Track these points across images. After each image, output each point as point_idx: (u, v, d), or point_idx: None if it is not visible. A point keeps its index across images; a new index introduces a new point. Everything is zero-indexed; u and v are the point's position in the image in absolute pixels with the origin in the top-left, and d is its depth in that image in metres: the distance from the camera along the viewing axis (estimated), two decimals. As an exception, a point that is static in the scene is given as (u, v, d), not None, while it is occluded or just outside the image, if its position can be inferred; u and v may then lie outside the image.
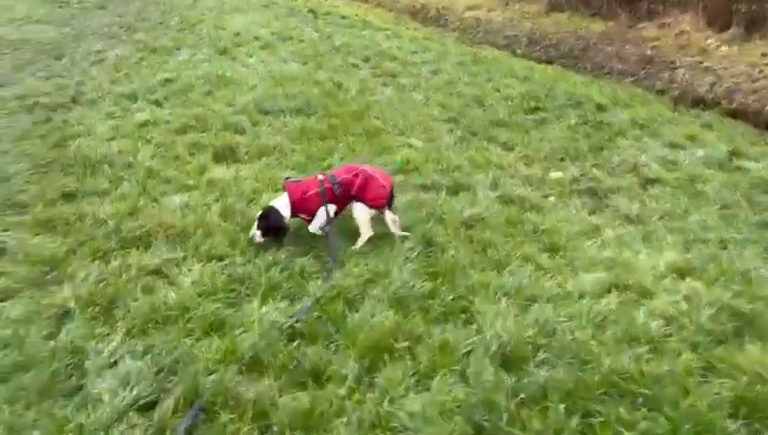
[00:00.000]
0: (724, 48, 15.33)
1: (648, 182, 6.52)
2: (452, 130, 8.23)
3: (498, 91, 10.10)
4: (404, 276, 4.55)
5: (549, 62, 14.94)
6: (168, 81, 10.06)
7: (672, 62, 14.69)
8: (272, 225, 4.93)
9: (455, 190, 6.33)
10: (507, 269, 4.70)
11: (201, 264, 4.89)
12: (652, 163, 6.97)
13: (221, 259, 4.99)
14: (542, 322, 3.98)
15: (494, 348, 3.73)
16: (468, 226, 5.49)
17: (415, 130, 8.21)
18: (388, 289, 4.43)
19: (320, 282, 4.63)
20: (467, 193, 6.24)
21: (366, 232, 5.04)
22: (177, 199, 5.95)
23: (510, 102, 9.45)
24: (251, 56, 11.82)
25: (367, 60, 11.94)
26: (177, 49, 12.11)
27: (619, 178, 6.61)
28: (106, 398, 3.50)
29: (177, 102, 9.06)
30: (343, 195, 5.01)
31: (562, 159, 7.27)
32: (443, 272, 4.66)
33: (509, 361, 3.70)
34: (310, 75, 10.61)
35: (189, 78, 10.15)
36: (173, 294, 4.44)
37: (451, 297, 4.35)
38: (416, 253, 4.97)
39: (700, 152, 7.38)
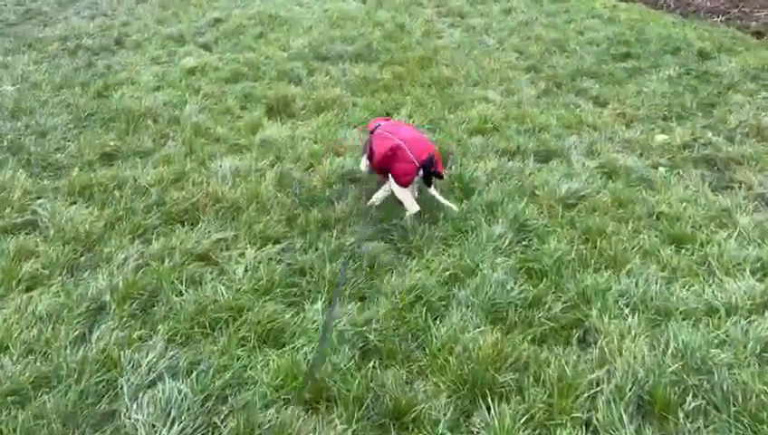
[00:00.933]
0: (832, -17, 13.35)
1: (778, 148, 5.36)
2: (533, 82, 7.11)
3: (581, 34, 8.81)
4: (497, 276, 3.65)
5: (628, -2, 13.33)
6: (217, 21, 9.14)
7: (769, 0, 12.90)
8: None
9: (545, 157, 5.32)
10: (626, 269, 3.75)
11: (255, 247, 4.10)
12: None
13: (277, 242, 4.18)
14: (685, 350, 3.05)
15: (628, 390, 2.82)
16: (568, 205, 4.53)
17: (490, 81, 7.12)
18: (479, 292, 3.55)
19: (394, 277, 3.78)
20: (560, 161, 5.23)
21: (409, 207, 4.32)
22: (228, 164, 5.13)
23: (596, 48, 8.19)
24: (305, -7, 10.74)
25: (430, -4, 10.71)
26: (227, -15, 11.10)
27: (740, 144, 5.46)
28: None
29: (228, 46, 8.16)
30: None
31: (666, 119, 6.13)
32: (545, 270, 3.75)
33: (650, 408, 2.80)
34: (369, 15, 9.51)
35: (240, 18, 9.21)
36: (223, 288, 3.67)
37: (560, 307, 3.44)
38: (507, 241, 4.06)
39: None
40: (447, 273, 3.77)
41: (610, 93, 6.74)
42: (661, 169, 5.11)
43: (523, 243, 4.10)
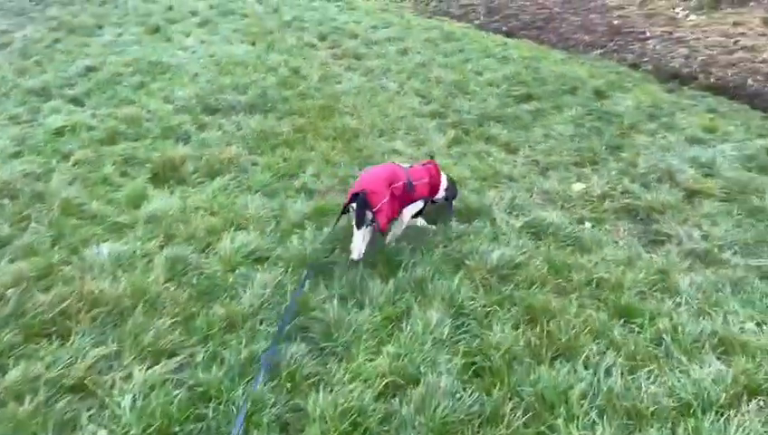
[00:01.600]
0: (693, 17, 14.23)
1: (692, 195, 5.22)
2: (441, 129, 6.72)
3: (480, 74, 8.59)
4: (444, 382, 3.08)
5: (510, 33, 13.56)
6: (89, 69, 8.09)
7: (641, 33, 13.50)
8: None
9: (467, 217, 4.86)
10: (582, 357, 3.29)
11: (145, 366, 3.28)
12: (685, 167, 5.66)
13: (173, 355, 3.39)
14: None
15: None
16: (503, 276, 4.06)
17: (397, 130, 6.65)
18: (426, 407, 2.96)
19: (321, 393, 3.10)
20: (484, 222, 4.78)
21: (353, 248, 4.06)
22: (107, 250, 4.25)
23: (497, 89, 7.97)
24: (188, 36, 9.88)
25: (323, 38, 10.19)
26: (100, 28, 10.02)
27: (656, 190, 5.27)
28: None
29: (102, 99, 7.16)
30: None
31: (578, 165, 5.90)
32: (495, 368, 3.22)
33: None
34: (260, 59, 8.82)
35: (116, 66, 8.21)
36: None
37: (521, 419, 2.91)
38: (446, 330, 3.51)
39: (729, 149, 6.13)
40: (385, 381, 3.14)
41: (519, 139, 6.46)
42: (587, 224, 4.80)
43: (464, 329, 3.56)
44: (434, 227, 4.61)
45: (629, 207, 5.05)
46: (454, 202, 4.75)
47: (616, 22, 14.24)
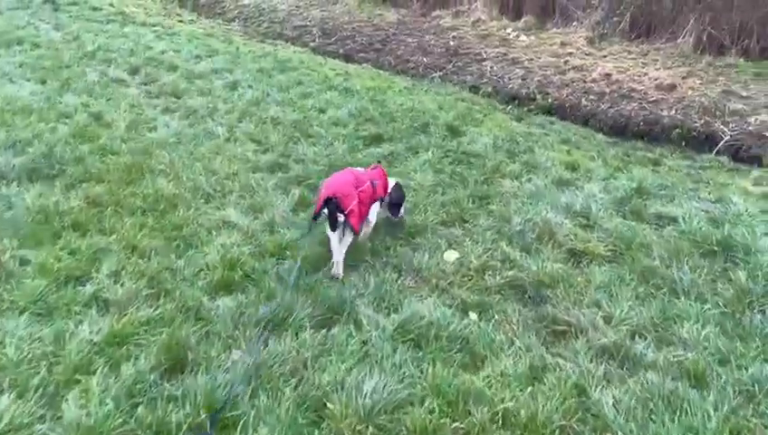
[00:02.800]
0: (524, 37, 14.27)
1: (579, 258, 4.45)
2: (283, 188, 5.44)
3: (322, 112, 7.45)
4: None
5: (348, 56, 12.67)
6: None
7: (477, 54, 13.26)
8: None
9: (324, 320, 3.66)
10: None
11: None
12: (562, 219, 4.92)
13: None
14: None
15: None
16: (381, 428, 2.88)
17: (229, 192, 5.28)
18: None
19: None
20: (346, 325, 3.61)
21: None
22: None
23: (343, 130, 6.87)
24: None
25: (135, 71, 8.47)
26: None
27: (539, 255, 4.44)
28: None
29: None
30: None
31: (446, 223, 4.94)
32: None
33: None
34: (51, 102, 6.96)
35: None
36: None
37: None
38: None
39: (597, 190, 5.53)
40: None
41: (376, 194, 5.37)
42: (472, 315, 3.79)
43: None
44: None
45: (514, 281, 4.13)
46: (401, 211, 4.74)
47: (452, 43, 13.86)
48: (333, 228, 4.04)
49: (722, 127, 9.54)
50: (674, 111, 10.29)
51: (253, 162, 5.92)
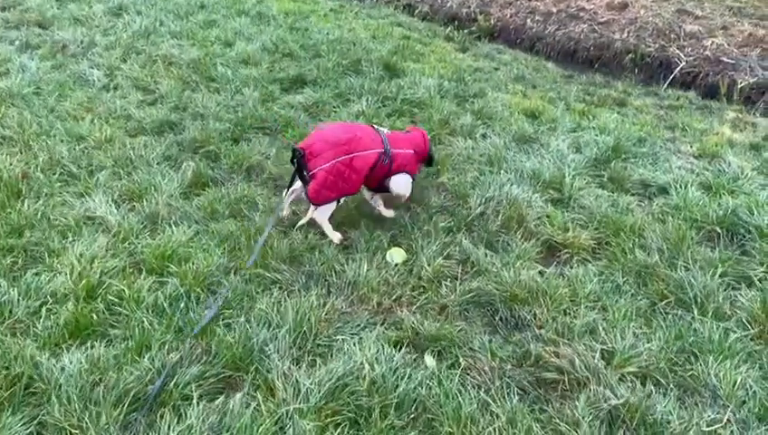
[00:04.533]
0: (461, -51, 12.61)
1: (557, 253, 3.39)
2: (174, 159, 4.06)
3: (229, 46, 5.92)
4: None
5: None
6: None
7: (413, -31, 11.62)
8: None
9: (217, 388, 2.48)
10: None
11: None
12: (530, 194, 3.82)
13: None
14: None
15: None
16: None
17: (98, 169, 3.86)
18: None
19: None
20: (251, 387, 2.45)
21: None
22: None
23: (255, 72, 5.42)
24: None
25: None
26: None
27: (506, 252, 3.35)
28: None
29: None
30: None
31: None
32: None
33: None
34: None
35: None
36: None
37: None
38: None
39: (566, 148, 4.45)
40: None
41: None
42: (429, 360, 2.70)
43: None
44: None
45: (480, 296, 3.04)
46: None
47: (383, -46, 12.09)
48: (289, 185, 3.41)
49: (677, 51, 8.54)
50: (626, 34, 9.19)
51: (135, 121, 4.46)
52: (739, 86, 7.44)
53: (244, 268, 3.04)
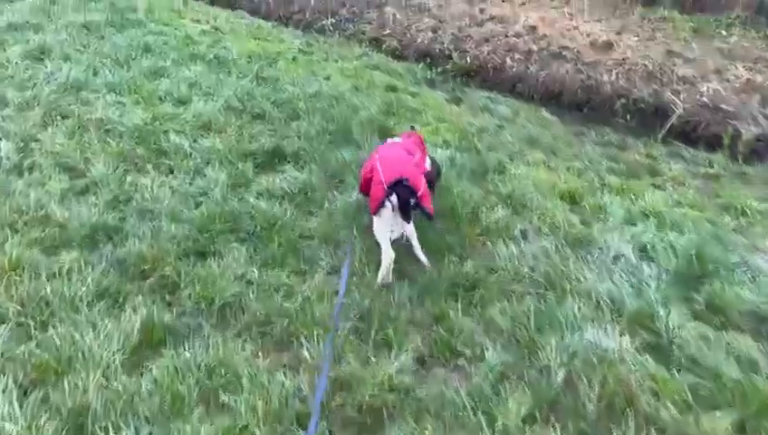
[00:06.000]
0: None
1: None
2: (112, 298, 2.74)
3: (183, 104, 4.62)
4: None
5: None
6: None
7: None
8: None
9: None
10: None
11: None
12: (616, 344, 2.71)
13: None
14: None
15: None
16: None
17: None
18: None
19: None
20: None
21: (383, 251, 2.95)
22: None
23: (219, 142, 4.15)
24: None
25: None
26: None
27: None
28: None
29: None
30: None
31: (418, 367, 2.56)
32: None
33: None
34: None
35: None
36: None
37: None
38: None
39: (629, 252, 3.41)
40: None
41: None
42: None
43: None
44: None
45: None
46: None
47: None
48: (408, 219, 3.03)
49: (672, 97, 7.73)
50: (615, 76, 8.34)
51: (56, 225, 3.11)
52: (744, 138, 6.66)
53: None
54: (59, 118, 4.20)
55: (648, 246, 3.34)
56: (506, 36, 9.89)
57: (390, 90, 5.76)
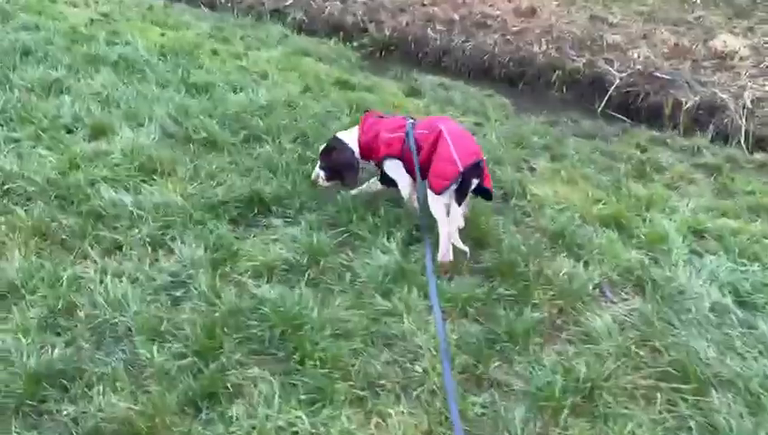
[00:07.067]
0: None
1: None
2: None
3: (104, 135, 3.34)
4: None
5: None
6: None
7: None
8: (339, 163, 2.94)
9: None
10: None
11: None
12: None
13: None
14: None
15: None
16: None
17: None
18: None
19: None
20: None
21: (441, 226, 2.74)
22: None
23: (176, 195, 3.00)
24: None
25: None
26: None
27: None
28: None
29: None
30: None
31: None
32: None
33: None
34: None
35: None
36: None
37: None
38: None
39: (719, 297, 2.85)
40: None
41: None
42: None
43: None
44: None
45: None
46: None
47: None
48: (460, 201, 2.78)
49: (606, 66, 7.45)
50: (545, 46, 7.91)
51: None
52: (684, 107, 6.52)
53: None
54: None
55: (740, 289, 2.79)
56: (423, 5, 9.05)
57: (344, 87, 4.78)
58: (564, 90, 7.45)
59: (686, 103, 6.54)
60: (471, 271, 2.78)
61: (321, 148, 3.13)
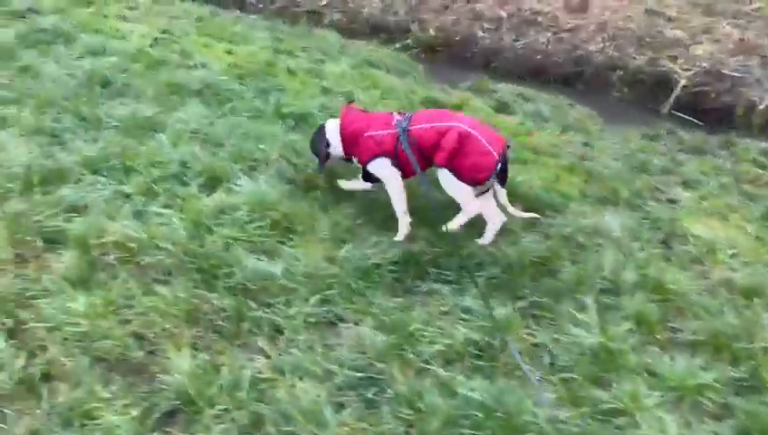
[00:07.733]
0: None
1: None
2: None
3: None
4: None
5: None
6: None
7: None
8: (313, 149, 3.06)
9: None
10: None
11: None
12: None
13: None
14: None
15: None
16: None
17: None
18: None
19: None
20: None
21: (467, 205, 2.86)
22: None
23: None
24: None
25: None
26: None
27: None
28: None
29: None
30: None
31: None
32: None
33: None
34: None
35: None
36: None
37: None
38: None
39: None
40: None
41: None
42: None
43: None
44: None
45: None
46: None
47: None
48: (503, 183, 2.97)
49: (671, 65, 7.08)
50: (602, 43, 7.51)
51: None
52: (760, 107, 6.21)
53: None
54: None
55: None
56: (468, 1, 8.58)
57: (434, 105, 4.36)
58: (625, 90, 7.10)
59: (761, 103, 6.22)
60: (672, 343, 2.42)
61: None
